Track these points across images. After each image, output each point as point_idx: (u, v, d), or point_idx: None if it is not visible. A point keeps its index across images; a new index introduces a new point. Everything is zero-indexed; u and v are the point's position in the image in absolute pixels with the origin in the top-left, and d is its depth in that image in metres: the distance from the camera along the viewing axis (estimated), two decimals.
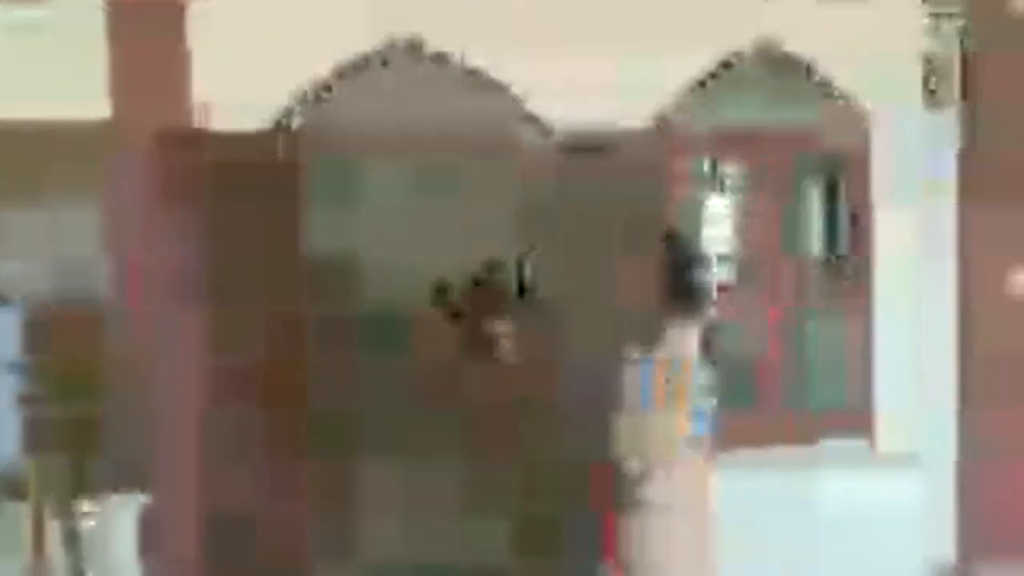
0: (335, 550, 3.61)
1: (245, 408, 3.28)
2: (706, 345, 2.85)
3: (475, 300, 6.46)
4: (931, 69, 3.93)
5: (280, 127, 3.41)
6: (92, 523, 3.12)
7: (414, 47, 3.55)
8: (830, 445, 4.00)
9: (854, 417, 4.09)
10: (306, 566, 3.48)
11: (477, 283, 7.22)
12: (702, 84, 3.83)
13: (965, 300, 4.11)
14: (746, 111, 4.11)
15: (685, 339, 2.82)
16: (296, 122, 3.45)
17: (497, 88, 3.64)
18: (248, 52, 3.34)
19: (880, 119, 3.99)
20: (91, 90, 3.19)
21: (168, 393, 3.21)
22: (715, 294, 3.94)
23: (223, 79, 3.29)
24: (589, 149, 3.54)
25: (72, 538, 3.02)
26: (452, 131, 3.83)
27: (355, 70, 3.51)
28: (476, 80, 3.63)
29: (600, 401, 2.97)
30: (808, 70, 3.94)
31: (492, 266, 7.29)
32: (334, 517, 3.63)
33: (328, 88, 3.48)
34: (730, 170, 4.22)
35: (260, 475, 3.31)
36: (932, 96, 3.99)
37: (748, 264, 4.15)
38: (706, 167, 4.22)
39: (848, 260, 4.21)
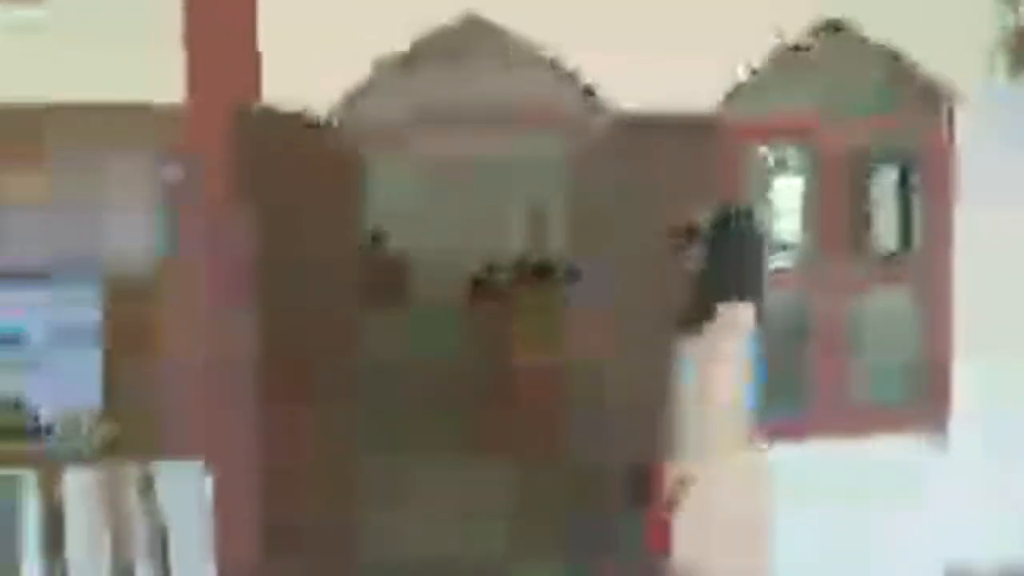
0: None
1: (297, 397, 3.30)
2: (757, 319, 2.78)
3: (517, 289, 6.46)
4: (1012, 47, 3.77)
5: (341, 110, 3.44)
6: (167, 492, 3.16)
7: (477, 26, 3.53)
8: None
9: (911, 413, 3.97)
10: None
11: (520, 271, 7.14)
12: (769, 66, 3.73)
13: None
14: (814, 95, 4.00)
15: (740, 320, 2.74)
16: (357, 105, 3.47)
17: (554, 66, 3.60)
18: (313, 32, 3.37)
19: (961, 103, 3.84)
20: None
21: (223, 376, 3.26)
22: (774, 277, 3.82)
23: (290, 57, 3.32)
24: (647, 128, 3.49)
25: (152, 505, 3.08)
26: (509, 109, 3.82)
27: (416, 49, 3.51)
28: (535, 58, 3.59)
29: (647, 396, 2.92)
30: (883, 52, 3.81)
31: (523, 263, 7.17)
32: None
33: (391, 66, 3.49)
34: (797, 155, 4.10)
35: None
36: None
37: (811, 251, 4.05)
38: (773, 152, 4.11)
39: (908, 254, 4.07)
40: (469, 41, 3.57)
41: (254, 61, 3.31)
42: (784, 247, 4.54)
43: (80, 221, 3.23)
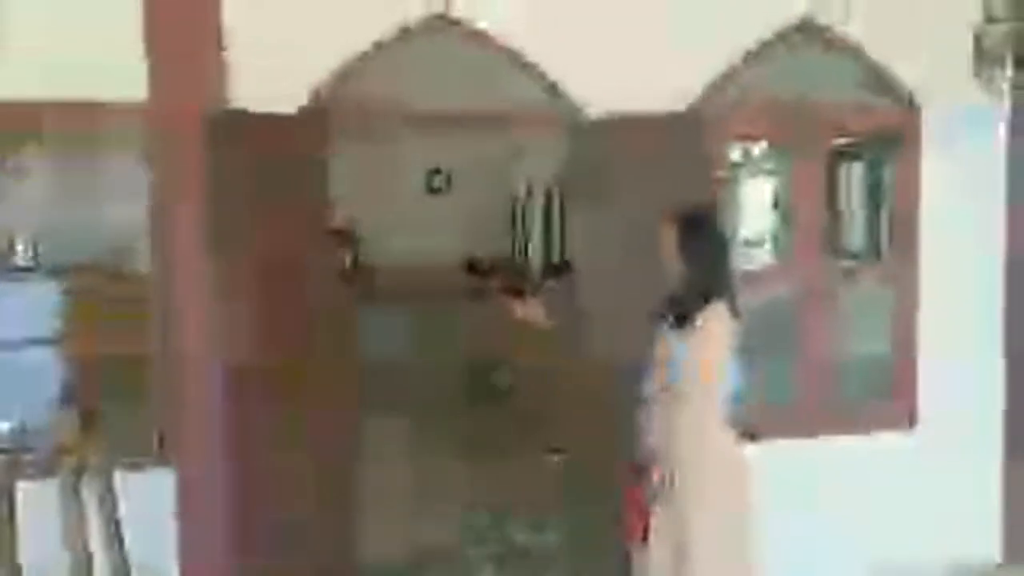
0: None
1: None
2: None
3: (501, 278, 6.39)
4: (981, 51, 3.77)
5: (313, 105, 3.40)
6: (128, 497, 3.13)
7: (448, 23, 3.51)
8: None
9: (883, 408, 3.99)
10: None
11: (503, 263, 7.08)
12: (740, 64, 3.71)
13: (1013, 300, 3.96)
14: (786, 92, 3.99)
15: (720, 321, 2.75)
16: (329, 98, 3.43)
17: (529, 65, 3.58)
18: (281, 29, 3.34)
19: (930, 102, 3.85)
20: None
21: (192, 365, 3.23)
22: (750, 275, 3.80)
23: (258, 55, 3.28)
24: (623, 130, 3.48)
25: (109, 511, 3.04)
26: (484, 107, 3.79)
27: (387, 47, 3.48)
28: (509, 57, 3.57)
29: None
30: (852, 51, 3.82)
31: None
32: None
33: (362, 64, 3.45)
34: (768, 152, 4.10)
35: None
36: (988, 82, 3.83)
37: (785, 249, 4.03)
38: (743, 149, 4.12)
39: (877, 251, 4.05)
40: (437, 41, 3.54)
41: (218, 62, 3.27)
42: (758, 245, 4.56)
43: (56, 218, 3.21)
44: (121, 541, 3.06)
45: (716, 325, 2.74)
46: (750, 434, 2.93)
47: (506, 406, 6.18)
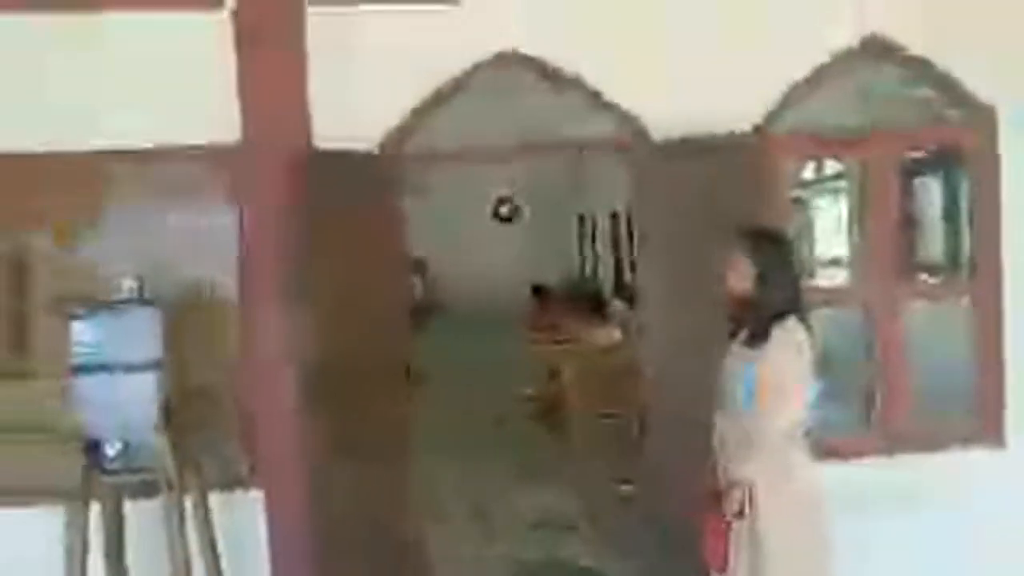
0: None
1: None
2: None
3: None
4: None
5: (386, 146, 3.54)
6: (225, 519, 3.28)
7: (515, 58, 3.61)
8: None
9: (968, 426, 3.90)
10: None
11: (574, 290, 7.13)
12: (810, 82, 3.72)
13: None
14: (858, 111, 3.97)
15: (794, 338, 2.76)
16: (402, 139, 3.57)
17: (592, 93, 3.65)
18: (356, 72, 3.48)
19: (1005, 113, 3.78)
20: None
21: (270, 391, 3.37)
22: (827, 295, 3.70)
23: (336, 96, 3.44)
24: (689, 152, 3.51)
25: (209, 534, 3.19)
26: (551, 136, 3.87)
27: (460, 84, 3.60)
28: (575, 87, 3.65)
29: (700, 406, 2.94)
30: (919, 64, 3.79)
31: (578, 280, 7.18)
32: None
33: (433, 104, 3.58)
34: (841, 169, 4.04)
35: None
36: None
37: (861, 268, 3.98)
38: (814, 169, 4.08)
39: (958, 267, 3.92)
40: (508, 75, 3.65)
41: (303, 106, 3.43)
42: (835, 262, 4.50)
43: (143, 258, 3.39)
44: (217, 558, 3.21)
45: (791, 341, 2.74)
46: (830, 453, 2.89)
47: (571, 429, 6.22)
